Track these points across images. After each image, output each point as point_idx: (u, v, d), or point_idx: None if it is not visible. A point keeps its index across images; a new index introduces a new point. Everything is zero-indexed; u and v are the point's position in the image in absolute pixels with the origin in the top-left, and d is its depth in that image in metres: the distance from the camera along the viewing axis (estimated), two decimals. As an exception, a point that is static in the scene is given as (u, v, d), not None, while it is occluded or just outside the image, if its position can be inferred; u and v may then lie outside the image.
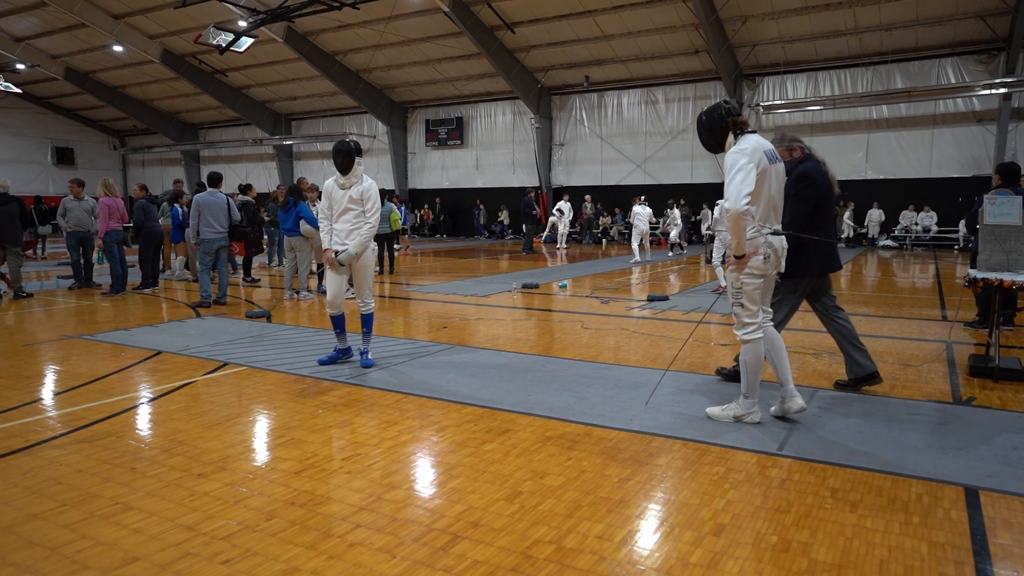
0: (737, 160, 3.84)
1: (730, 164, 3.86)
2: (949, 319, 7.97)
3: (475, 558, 2.65)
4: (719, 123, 4.02)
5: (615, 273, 13.68)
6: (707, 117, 4.07)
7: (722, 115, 4.01)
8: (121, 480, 3.43)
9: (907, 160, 21.00)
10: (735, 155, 3.87)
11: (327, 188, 5.80)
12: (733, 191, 3.78)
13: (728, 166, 3.87)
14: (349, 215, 5.70)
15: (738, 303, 4.08)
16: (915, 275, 13.44)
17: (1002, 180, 6.86)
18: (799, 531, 2.87)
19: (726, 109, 4.01)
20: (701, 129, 4.12)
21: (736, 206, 3.73)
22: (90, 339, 7.07)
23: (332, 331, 6.05)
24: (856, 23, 19.27)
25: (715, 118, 4.03)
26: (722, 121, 4.01)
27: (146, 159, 37.77)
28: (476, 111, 28.14)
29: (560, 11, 21.05)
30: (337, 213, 5.75)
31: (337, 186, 5.74)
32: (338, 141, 5.81)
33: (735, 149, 3.91)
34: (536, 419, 4.35)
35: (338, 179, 5.73)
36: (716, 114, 4.03)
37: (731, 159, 3.88)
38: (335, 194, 5.75)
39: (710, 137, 4.07)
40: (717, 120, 4.03)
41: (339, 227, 5.75)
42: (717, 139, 4.06)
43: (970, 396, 4.83)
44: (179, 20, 23.81)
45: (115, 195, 10.51)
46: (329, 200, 5.79)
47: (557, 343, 6.86)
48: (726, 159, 3.92)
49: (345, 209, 5.69)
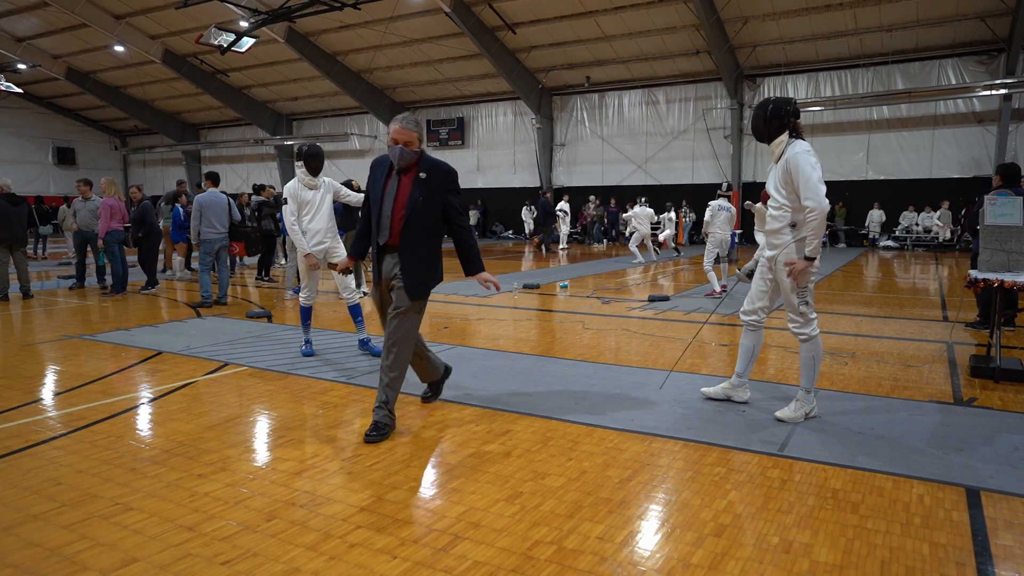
0: (808, 159, 3.98)
1: (802, 164, 3.96)
2: (950, 320, 7.96)
3: (476, 559, 2.65)
4: (781, 117, 4.12)
5: (616, 273, 13.68)
6: (773, 106, 4.15)
7: (787, 111, 4.12)
8: (121, 481, 3.43)
9: (908, 161, 20.99)
10: (806, 155, 3.99)
11: (293, 193, 6.02)
12: (817, 191, 3.91)
13: (798, 166, 3.97)
14: (325, 212, 6.12)
15: (803, 301, 4.17)
16: (916, 276, 13.43)
17: (1002, 181, 6.86)
18: (800, 532, 2.86)
19: (792, 109, 4.13)
20: (762, 112, 4.18)
21: (824, 204, 3.91)
22: (91, 339, 7.07)
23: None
24: (857, 24, 19.27)
25: (779, 111, 4.12)
26: (785, 117, 4.11)
27: (147, 159, 37.79)
28: (477, 111, 28.15)
29: (561, 12, 21.05)
30: (312, 213, 6.07)
31: (305, 188, 6.05)
32: (310, 144, 6.13)
33: (805, 150, 4.02)
34: (537, 419, 4.35)
35: (307, 181, 6.04)
36: (782, 108, 4.13)
37: (802, 159, 3.97)
38: (304, 196, 6.05)
39: (766, 125, 4.16)
40: (781, 113, 4.12)
41: (317, 226, 6.08)
42: (771, 130, 4.16)
43: (971, 397, 4.82)
44: (180, 20, 23.83)
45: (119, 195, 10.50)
46: (298, 203, 6.03)
47: (558, 343, 6.85)
48: (795, 160, 4.00)
49: (319, 207, 6.08)
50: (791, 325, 4.26)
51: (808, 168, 3.95)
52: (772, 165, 4.27)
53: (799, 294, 4.16)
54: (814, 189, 3.93)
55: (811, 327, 4.20)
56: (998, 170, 7.11)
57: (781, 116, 4.12)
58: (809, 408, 4.27)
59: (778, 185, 4.14)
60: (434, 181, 4.11)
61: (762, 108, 4.20)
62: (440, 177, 4.15)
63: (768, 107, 4.16)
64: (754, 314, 4.47)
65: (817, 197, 3.91)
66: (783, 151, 4.11)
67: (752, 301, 4.48)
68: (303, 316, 6.29)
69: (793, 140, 4.11)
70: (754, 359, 4.57)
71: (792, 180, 4.02)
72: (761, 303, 4.45)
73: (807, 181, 3.94)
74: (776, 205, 4.18)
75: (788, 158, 4.05)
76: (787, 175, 4.05)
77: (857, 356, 6.09)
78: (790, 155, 4.04)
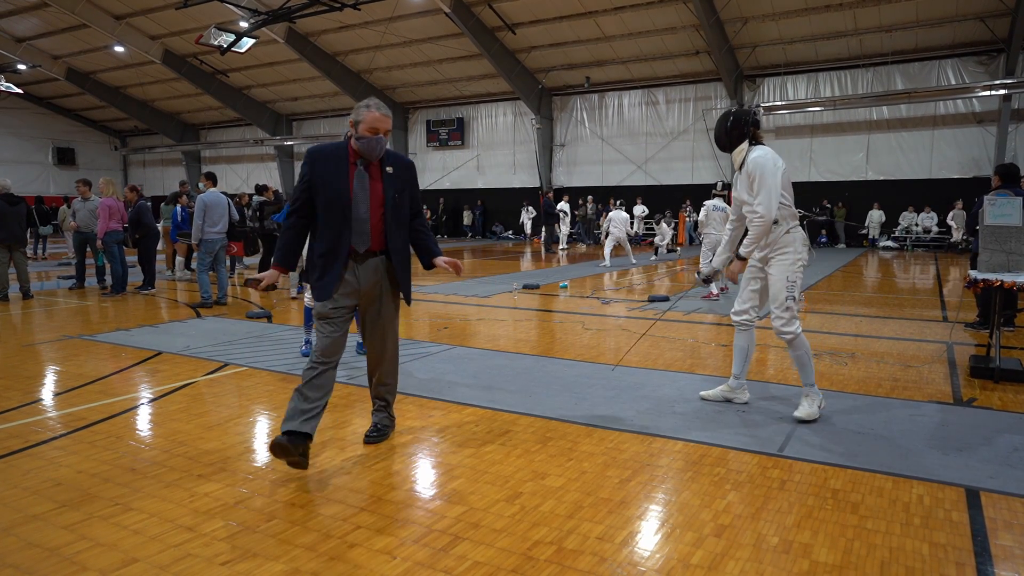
0: (769, 163, 4.14)
1: (764, 166, 4.13)
2: (949, 320, 7.96)
3: (476, 559, 2.65)
4: (741, 127, 4.29)
5: (616, 274, 13.68)
6: (733, 118, 4.33)
7: (747, 121, 4.29)
8: (121, 481, 3.43)
9: (907, 161, 21.00)
10: (767, 159, 4.16)
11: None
12: (770, 199, 4.07)
13: (760, 168, 4.12)
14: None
15: (791, 296, 4.23)
16: (915, 276, 13.43)
17: (1002, 181, 6.86)
18: (800, 532, 2.86)
19: (752, 119, 4.30)
20: (723, 124, 4.35)
21: (771, 214, 4.06)
22: (90, 339, 7.07)
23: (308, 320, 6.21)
24: (856, 24, 19.29)
25: (740, 122, 4.30)
26: (745, 127, 4.29)
27: (147, 159, 37.81)
28: (477, 112, 28.16)
29: (561, 12, 21.06)
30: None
31: None
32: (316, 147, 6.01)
33: (765, 154, 4.19)
34: (537, 420, 4.35)
35: None
36: (742, 118, 4.31)
37: (763, 162, 4.13)
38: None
39: (727, 135, 4.32)
40: (741, 123, 4.30)
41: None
42: (732, 139, 4.32)
43: (971, 397, 4.82)
44: (180, 21, 23.84)
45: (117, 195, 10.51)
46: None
47: (558, 344, 6.86)
48: (756, 162, 4.16)
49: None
50: (776, 323, 4.29)
51: (769, 173, 4.11)
52: (736, 174, 4.41)
53: (788, 288, 4.22)
54: (767, 195, 4.09)
55: (795, 325, 4.24)
56: (997, 170, 7.11)
57: (741, 126, 4.29)
58: (819, 400, 4.33)
59: (748, 189, 4.27)
60: (402, 175, 3.73)
61: (723, 120, 4.38)
62: (406, 169, 3.78)
63: (729, 119, 4.35)
64: (745, 314, 4.52)
65: (768, 204, 4.07)
66: (744, 158, 4.28)
67: (743, 302, 4.53)
68: (307, 316, 6.25)
69: (753, 147, 4.28)
70: (749, 359, 4.61)
71: (755, 182, 4.17)
72: (751, 303, 4.50)
73: (766, 187, 4.10)
74: (750, 208, 4.26)
75: (748, 162, 4.23)
76: (749, 178, 4.21)
77: (857, 356, 6.10)
78: (750, 159, 4.22)
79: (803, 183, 22.28)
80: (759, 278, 4.44)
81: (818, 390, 4.37)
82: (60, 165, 35.02)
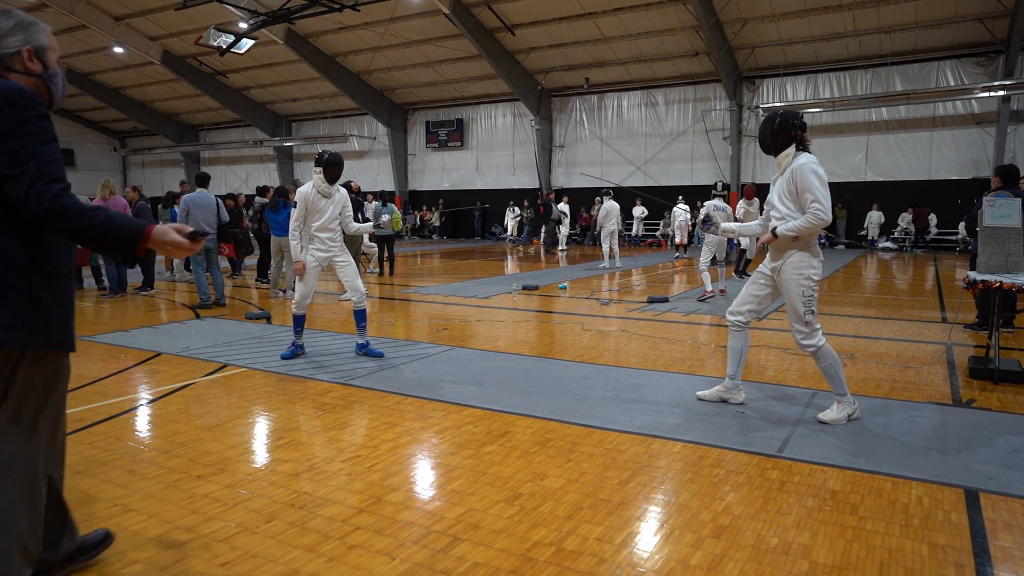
0: (815, 171, 4.05)
1: (808, 176, 4.03)
2: (949, 321, 7.97)
3: (475, 560, 2.65)
4: (788, 131, 4.19)
5: (615, 275, 13.68)
6: (780, 120, 4.22)
7: (794, 124, 4.19)
8: (120, 482, 3.43)
9: (906, 162, 21.01)
10: (813, 167, 4.06)
11: (306, 197, 5.93)
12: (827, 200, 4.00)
13: (805, 178, 4.04)
14: (334, 223, 6.06)
15: (809, 310, 4.19)
16: (915, 277, 13.44)
17: (1001, 182, 6.87)
18: (799, 533, 2.86)
19: (799, 123, 4.20)
20: (769, 125, 4.25)
21: (828, 216, 4.00)
22: (89, 340, 7.06)
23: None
24: (855, 26, 19.30)
25: (787, 124, 4.19)
26: (792, 130, 4.18)
27: (146, 160, 37.77)
28: (476, 113, 28.16)
29: (560, 13, 21.07)
30: (323, 222, 5.99)
31: (320, 195, 5.96)
32: (331, 153, 6.00)
33: (812, 163, 4.09)
34: (536, 421, 4.35)
35: (323, 188, 5.95)
36: (789, 121, 4.20)
37: (808, 171, 4.04)
38: (318, 203, 5.97)
39: (773, 137, 4.23)
40: (788, 127, 4.19)
41: (323, 234, 6.02)
42: (779, 143, 4.22)
43: (970, 398, 4.82)
44: (180, 22, 23.83)
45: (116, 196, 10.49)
46: (306, 209, 5.95)
47: (557, 345, 6.86)
48: (802, 171, 4.06)
49: (329, 215, 6.00)
50: (797, 337, 4.26)
51: (816, 180, 4.03)
52: (777, 176, 4.31)
53: (805, 303, 4.17)
54: (825, 198, 4.01)
55: (816, 337, 4.20)
56: (997, 171, 7.12)
57: (788, 129, 4.18)
58: (851, 410, 4.26)
59: (783, 196, 4.20)
60: None
61: (769, 122, 4.26)
62: None
63: (776, 120, 4.22)
64: (740, 315, 4.52)
65: (828, 205, 3.99)
66: (789, 163, 4.17)
67: (741, 303, 4.53)
68: (295, 323, 6.15)
69: (799, 153, 4.17)
70: (743, 360, 4.61)
71: (797, 191, 4.08)
72: (749, 306, 4.50)
73: (820, 191, 4.01)
74: (779, 216, 4.21)
75: (794, 169, 4.10)
76: (792, 186, 4.11)
77: (856, 357, 6.10)
78: (796, 166, 4.10)
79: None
80: (765, 285, 4.43)
81: (852, 399, 4.29)
82: (59, 166, 34.96)
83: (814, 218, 4.01)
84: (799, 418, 4.36)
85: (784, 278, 4.24)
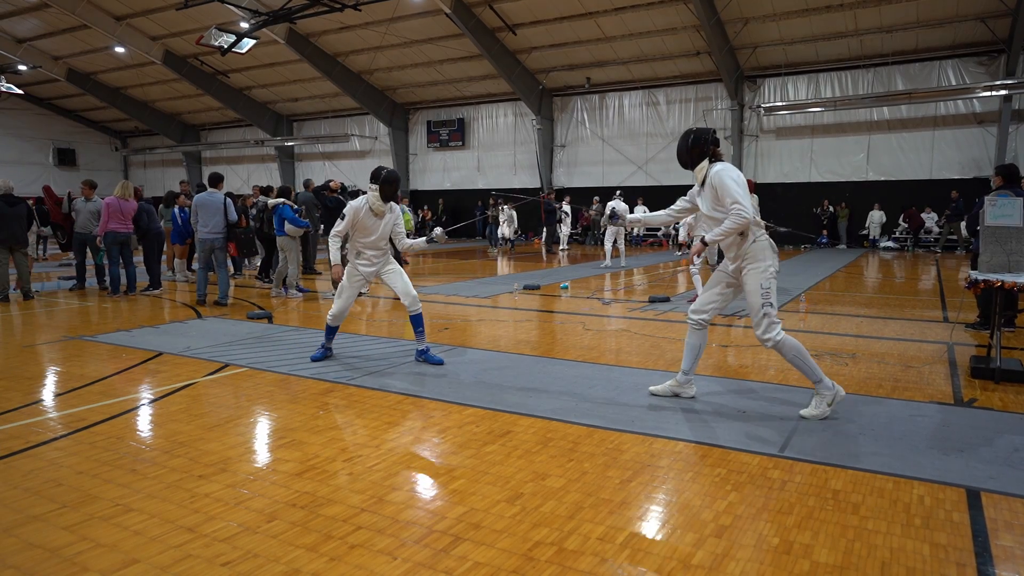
0: (730, 174, 4.32)
1: (725, 180, 4.28)
2: (950, 320, 7.96)
3: (476, 560, 2.65)
4: (702, 146, 4.47)
5: (616, 275, 13.68)
6: (695, 136, 4.50)
7: (707, 140, 4.48)
8: (122, 482, 3.43)
9: (908, 162, 20.99)
10: (728, 171, 4.34)
11: (356, 213, 5.72)
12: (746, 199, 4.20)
13: (722, 182, 4.28)
14: (383, 242, 5.89)
15: (768, 302, 4.32)
16: (916, 276, 13.42)
17: (1003, 182, 6.86)
18: (801, 533, 2.86)
19: (712, 139, 4.50)
20: (684, 142, 4.53)
21: (749, 214, 4.19)
22: (91, 340, 7.07)
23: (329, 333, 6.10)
24: (857, 25, 19.28)
25: (701, 140, 4.48)
26: (706, 145, 4.47)
27: (147, 160, 37.81)
28: (478, 112, 28.16)
29: (561, 13, 21.07)
30: (372, 240, 5.81)
31: (373, 214, 5.76)
32: (389, 170, 5.73)
33: (727, 168, 4.37)
34: (537, 420, 4.35)
35: (377, 206, 5.74)
36: (703, 137, 4.49)
37: (724, 176, 4.30)
38: (368, 220, 5.75)
39: (688, 152, 4.50)
40: (702, 143, 4.48)
41: (372, 252, 5.89)
42: (694, 156, 4.50)
43: (971, 397, 4.82)
44: (181, 22, 23.85)
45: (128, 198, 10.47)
46: (354, 225, 5.76)
47: (559, 344, 6.86)
48: (718, 177, 4.31)
49: (382, 236, 5.85)
50: (756, 331, 4.39)
51: (733, 180, 4.27)
52: (697, 188, 4.56)
53: (763, 295, 4.31)
54: (744, 197, 4.19)
55: (775, 330, 4.31)
56: (998, 171, 7.11)
57: (702, 145, 4.47)
58: (831, 397, 4.33)
59: (712, 205, 4.41)
60: None
61: (684, 138, 4.54)
62: None
63: (691, 137, 4.50)
64: (704, 314, 4.66)
65: (747, 203, 4.17)
66: (705, 175, 4.43)
67: (705, 303, 4.68)
68: (328, 333, 6.05)
69: (713, 163, 4.43)
70: (699, 357, 4.77)
71: (719, 197, 4.30)
72: (712, 305, 4.66)
73: (736, 191, 4.22)
74: (717, 223, 4.38)
75: (711, 177, 4.36)
76: (716, 193, 4.34)
77: (857, 357, 6.09)
78: (712, 174, 4.36)
79: (804, 184, 22.29)
80: (728, 283, 4.59)
81: (830, 383, 4.35)
82: (61, 166, 34.99)
83: (737, 218, 4.20)
84: (800, 418, 4.35)
85: (745, 276, 4.41)
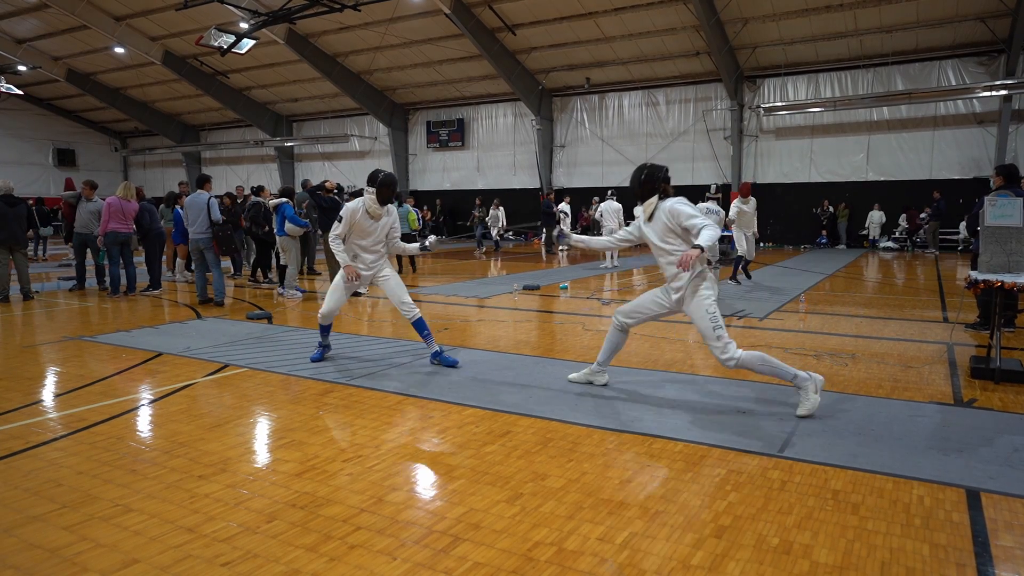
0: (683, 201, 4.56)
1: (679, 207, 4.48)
2: (950, 320, 7.96)
3: (476, 560, 2.65)
4: (653, 183, 4.66)
5: (616, 275, 13.68)
6: (647, 173, 4.69)
7: (659, 178, 4.67)
8: (122, 482, 3.43)
9: (908, 162, 20.98)
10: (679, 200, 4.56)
11: (352, 215, 5.73)
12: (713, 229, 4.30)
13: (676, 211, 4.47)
14: (380, 245, 5.92)
15: (717, 325, 4.47)
16: (916, 276, 13.42)
17: (1003, 182, 6.86)
18: (801, 533, 2.86)
19: (664, 176, 4.70)
20: (638, 176, 4.72)
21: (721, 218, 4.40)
22: (91, 340, 7.07)
23: (333, 333, 6.09)
24: (857, 25, 19.28)
25: (652, 177, 4.68)
26: (657, 182, 4.65)
27: (147, 161, 37.79)
28: (477, 113, 28.15)
29: (561, 13, 21.06)
30: (367, 243, 5.84)
31: (369, 216, 5.77)
32: (386, 173, 5.75)
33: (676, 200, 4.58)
34: (537, 421, 4.35)
35: (374, 209, 5.76)
36: (655, 175, 4.68)
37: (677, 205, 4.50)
38: (364, 223, 5.77)
39: (641, 187, 4.69)
40: (654, 180, 4.67)
41: (369, 256, 5.89)
42: (644, 191, 4.68)
43: (971, 398, 4.82)
44: (180, 22, 23.84)
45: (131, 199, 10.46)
46: (351, 226, 5.77)
47: (558, 345, 6.86)
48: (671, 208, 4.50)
49: (378, 239, 5.87)
50: (716, 355, 4.47)
51: (687, 207, 4.46)
52: (643, 221, 4.72)
53: (712, 319, 4.43)
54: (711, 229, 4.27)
55: (731, 350, 4.39)
56: (998, 171, 7.11)
57: (654, 181, 4.64)
58: (813, 386, 4.38)
59: (663, 238, 4.57)
60: None
61: (638, 172, 4.73)
62: None
63: (643, 173, 4.69)
64: (629, 320, 4.92)
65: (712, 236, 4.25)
66: (654, 210, 4.61)
67: (635, 309, 4.90)
68: (322, 332, 6.08)
69: (664, 199, 4.60)
70: (616, 353, 5.08)
71: (680, 226, 4.44)
72: (640, 316, 4.90)
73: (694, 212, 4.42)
74: (669, 254, 4.54)
75: (665, 211, 4.52)
76: (671, 223, 4.49)
77: (857, 357, 6.10)
78: (665, 209, 4.52)
79: (803, 184, 22.28)
80: (663, 304, 4.74)
81: (806, 374, 4.40)
82: (61, 166, 34.94)
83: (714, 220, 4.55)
84: (798, 417, 4.35)
85: (690, 307, 4.54)
